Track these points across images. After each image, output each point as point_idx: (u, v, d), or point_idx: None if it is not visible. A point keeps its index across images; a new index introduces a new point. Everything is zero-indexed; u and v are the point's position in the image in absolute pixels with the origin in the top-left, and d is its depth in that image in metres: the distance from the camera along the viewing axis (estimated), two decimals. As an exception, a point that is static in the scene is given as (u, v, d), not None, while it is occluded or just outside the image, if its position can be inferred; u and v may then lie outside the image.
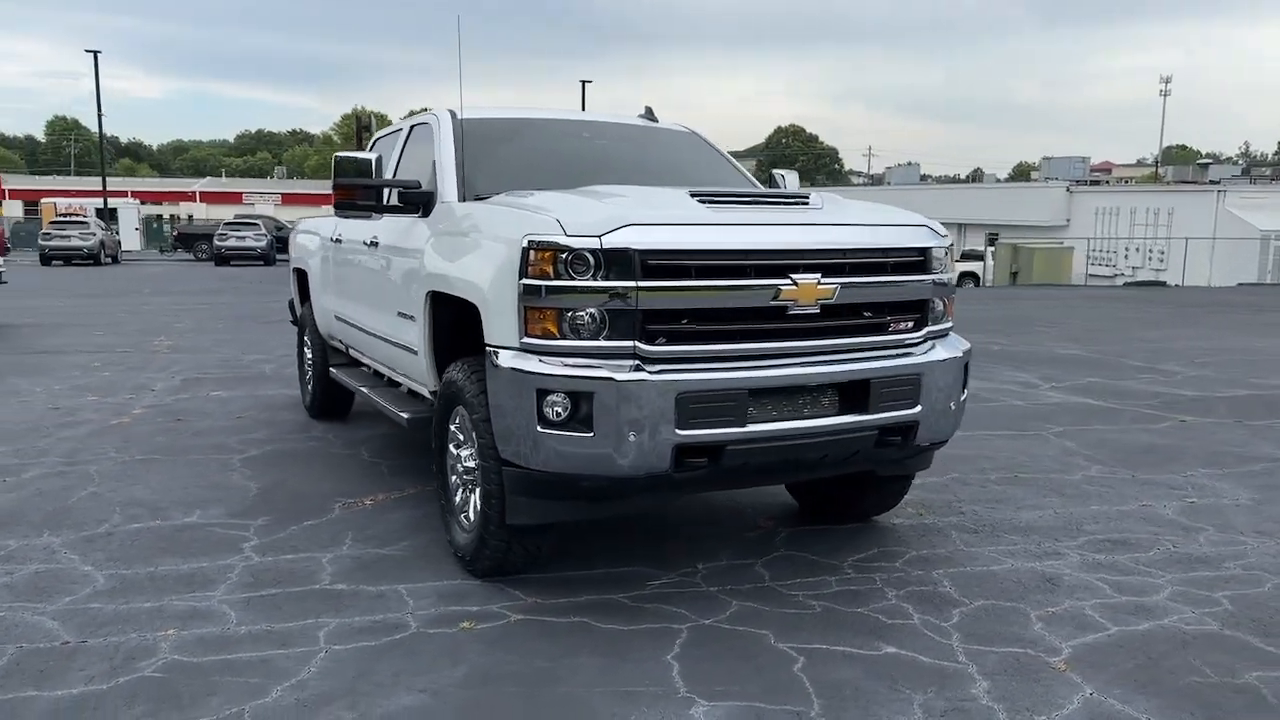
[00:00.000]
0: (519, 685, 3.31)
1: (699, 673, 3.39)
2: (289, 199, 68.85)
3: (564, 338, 3.63)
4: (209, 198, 71.03)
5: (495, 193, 4.56)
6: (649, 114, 6.01)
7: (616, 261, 3.59)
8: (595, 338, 3.63)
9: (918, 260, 4.17)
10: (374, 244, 5.56)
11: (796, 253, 3.83)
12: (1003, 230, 43.44)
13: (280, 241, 34.36)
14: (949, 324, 4.42)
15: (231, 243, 37.39)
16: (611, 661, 3.48)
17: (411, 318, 4.82)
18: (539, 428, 3.64)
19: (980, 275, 36.80)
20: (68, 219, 38.62)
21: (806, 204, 4.23)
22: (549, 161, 5.26)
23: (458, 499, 4.38)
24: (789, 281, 3.79)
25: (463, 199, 4.73)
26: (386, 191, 4.97)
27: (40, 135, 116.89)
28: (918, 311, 4.20)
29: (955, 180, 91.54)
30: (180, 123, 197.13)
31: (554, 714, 3.13)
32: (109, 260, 37.15)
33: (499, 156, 5.14)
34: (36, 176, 78.47)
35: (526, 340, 3.68)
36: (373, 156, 4.94)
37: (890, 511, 5.17)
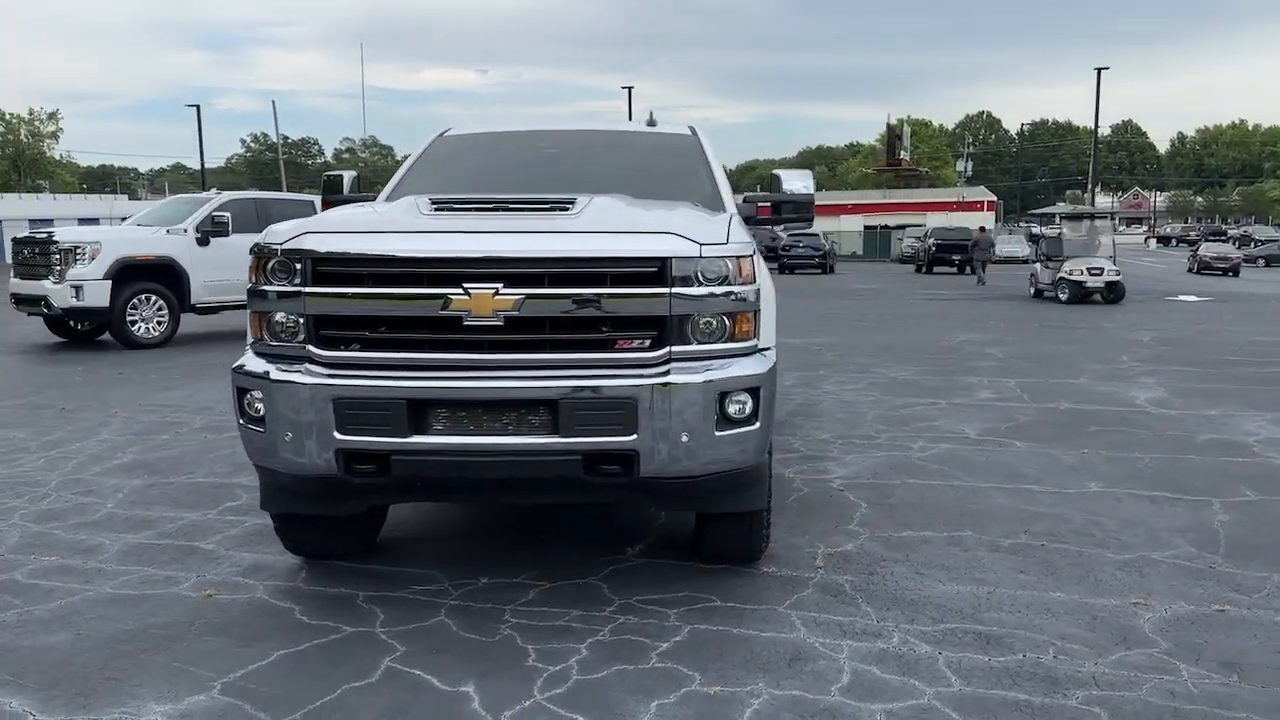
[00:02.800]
0: (140, 646, 3.70)
1: (273, 671, 3.49)
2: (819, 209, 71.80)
3: (264, 339, 3.91)
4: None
5: None
6: (650, 120, 5.88)
7: (296, 268, 3.79)
8: (290, 341, 3.85)
9: (652, 272, 3.68)
10: None
11: (470, 261, 3.65)
12: None
13: (769, 251, 36.23)
14: (738, 345, 3.79)
15: None
16: (229, 645, 3.70)
17: None
18: (240, 421, 3.97)
19: None
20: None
21: (566, 210, 3.97)
22: (491, 175, 5.39)
23: None
24: (461, 291, 3.64)
25: None
26: None
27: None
28: (654, 328, 3.71)
29: None
30: (759, 144, 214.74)
31: (123, 673, 3.47)
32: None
33: (446, 170, 5.43)
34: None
35: (251, 342, 4.02)
36: (348, 174, 5.55)
37: (784, 558, 4.51)
